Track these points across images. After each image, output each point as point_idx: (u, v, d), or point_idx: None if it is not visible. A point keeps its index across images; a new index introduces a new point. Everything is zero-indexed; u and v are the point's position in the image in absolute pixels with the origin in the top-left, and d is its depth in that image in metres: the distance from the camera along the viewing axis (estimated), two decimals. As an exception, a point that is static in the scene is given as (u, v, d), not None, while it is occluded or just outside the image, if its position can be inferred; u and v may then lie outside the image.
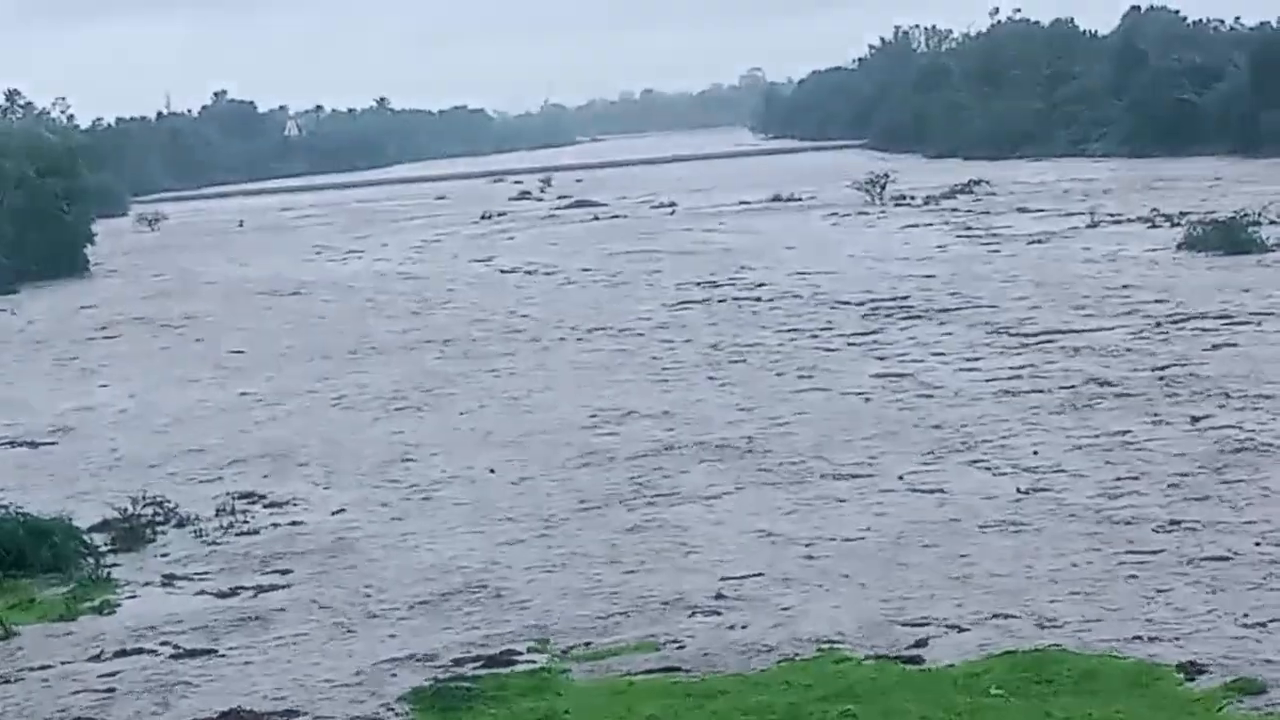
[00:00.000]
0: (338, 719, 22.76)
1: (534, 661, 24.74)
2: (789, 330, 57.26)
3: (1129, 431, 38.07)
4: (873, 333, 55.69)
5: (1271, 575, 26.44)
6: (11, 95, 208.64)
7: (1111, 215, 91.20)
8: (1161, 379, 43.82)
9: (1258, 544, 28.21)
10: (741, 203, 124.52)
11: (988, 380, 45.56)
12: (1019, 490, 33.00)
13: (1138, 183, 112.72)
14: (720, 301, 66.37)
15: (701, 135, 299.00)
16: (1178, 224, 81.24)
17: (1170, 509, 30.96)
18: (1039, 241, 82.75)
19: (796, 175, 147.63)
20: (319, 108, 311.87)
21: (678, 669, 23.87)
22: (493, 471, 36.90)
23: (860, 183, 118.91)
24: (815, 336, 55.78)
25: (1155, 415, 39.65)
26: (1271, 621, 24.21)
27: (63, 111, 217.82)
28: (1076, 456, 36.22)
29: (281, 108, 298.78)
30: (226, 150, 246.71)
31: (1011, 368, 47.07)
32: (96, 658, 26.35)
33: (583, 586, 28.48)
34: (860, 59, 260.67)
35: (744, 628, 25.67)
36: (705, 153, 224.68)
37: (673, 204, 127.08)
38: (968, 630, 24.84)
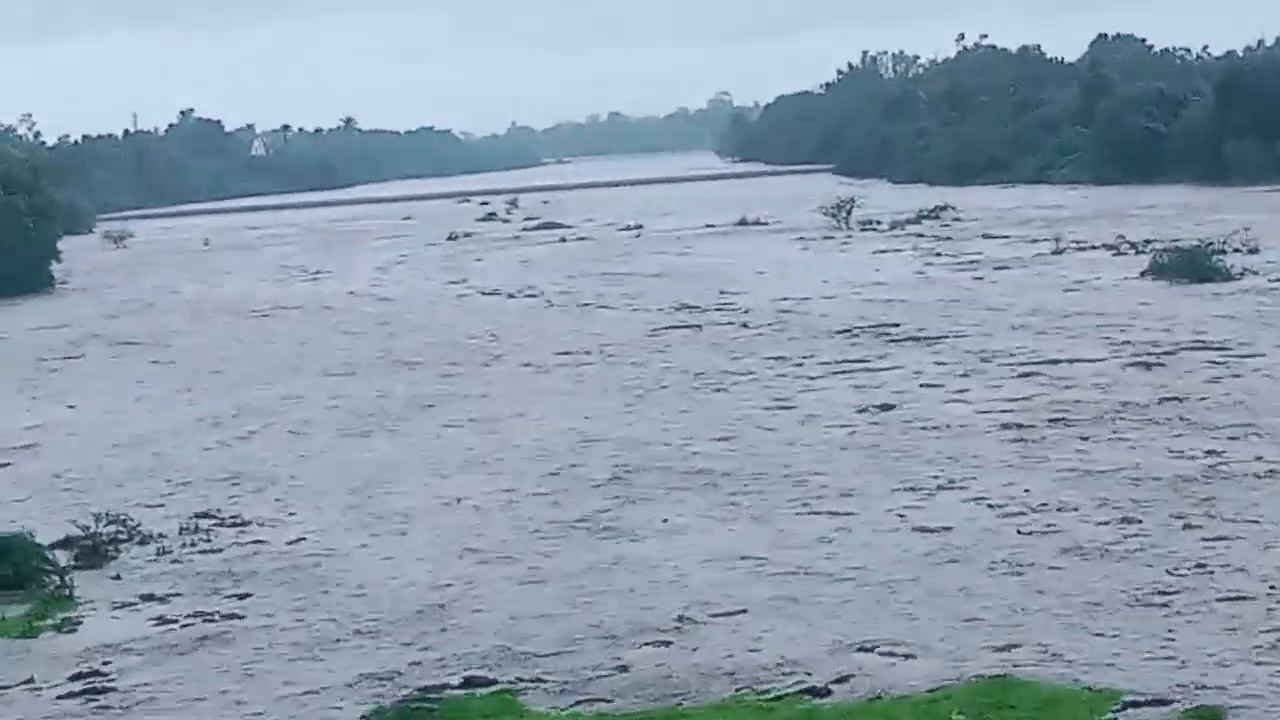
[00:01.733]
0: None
1: (495, 684, 24.67)
2: (770, 357, 57.03)
3: (1103, 459, 38.25)
4: (853, 360, 55.30)
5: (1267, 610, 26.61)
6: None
7: (1077, 243, 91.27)
8: (1125, 405, 43.97)
9: (1252, 575, 28.37)
10: (707, 226, 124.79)
11: (969, 408, 45.63)
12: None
13: (1103, 210, 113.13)
14: (697, 327, 66.01)
15: (668, 158, 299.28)
16: (1142, 251, 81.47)
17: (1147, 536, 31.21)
18: (1005, 268, 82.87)
19: (762, 199, 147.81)
20: (285, 127, 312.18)
21: (640, 697, 23.91)
22: (459, 501, 36.65)
23: (826, 208, 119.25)
24: (798, 364, 55.31)
25: (1129, 441, 39.90)
26: (1243, 654, 24.35)
27: (29, 128, 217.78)
28: (1057, 485, 36.28)
29: (248, 127, 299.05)
30: (193, 169, 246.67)
31: (989, 398, 46.95)
32: (52, 678, 26.36)
33: (546, 611, 28.42)
34: (828, 84, 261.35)
35: (699, 653, 25.64)
36: (671, 176, 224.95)
37: (639, 226, 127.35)
38: (929, 658, 24.88)
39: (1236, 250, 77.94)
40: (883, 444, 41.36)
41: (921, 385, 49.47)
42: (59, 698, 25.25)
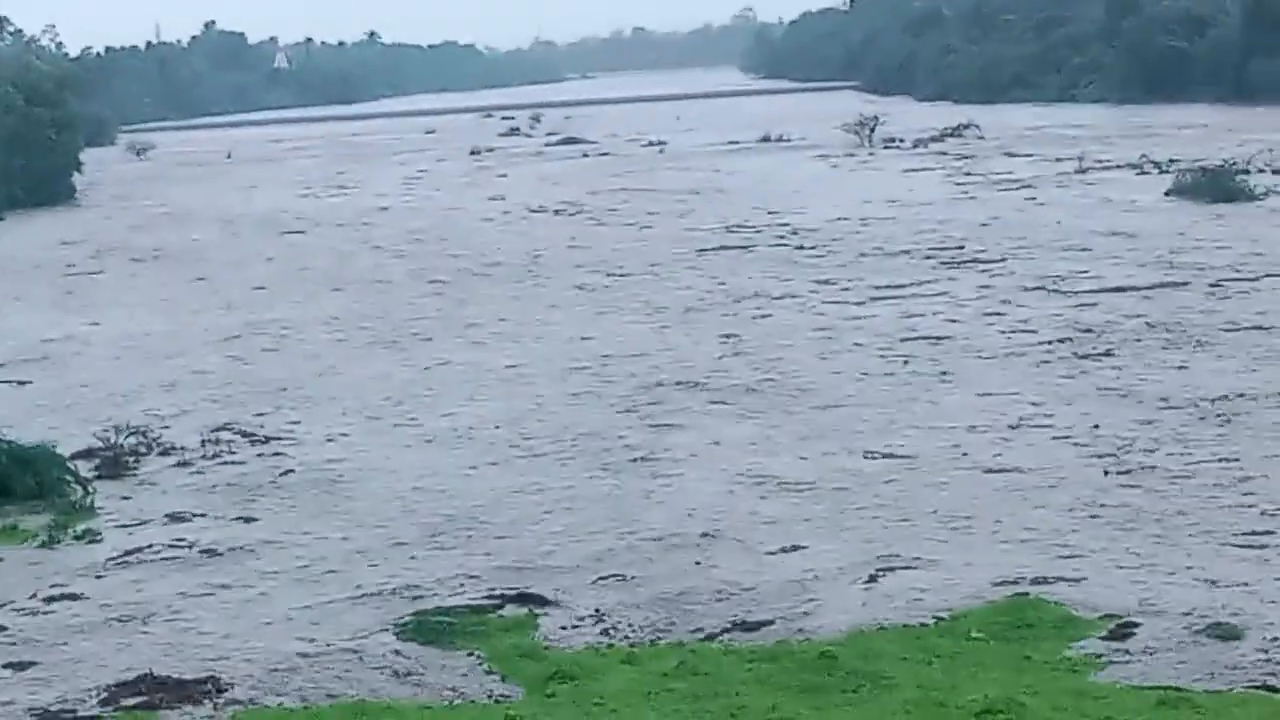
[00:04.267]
0: (325, 648, 22.78)
1: (517, 599, 24.74)
2: (813, 280, 56.81)
3: (1066, 366, 38.80)
4: (894, 286, 54.88)
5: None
6: (2, 23, 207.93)
7: (1100, 162, 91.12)
8: (1127, 321, 44.23)
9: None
10: (731, 142, 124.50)
11: (997, 318, 46.09)
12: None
13: (1127, 129, 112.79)
14: (744, 248, 65.62)
15: (691, 74, 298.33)
16: (1166, 171, 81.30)
17: (1126, 429, 31.27)
18: (1029, 187, 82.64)
19: (786, 116, 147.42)
20: (309, 40, 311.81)
21: (659, 614, 24.01)
22: (498, 428, 36.11)
23: (850, 125, 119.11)
24: (846, 289, 54.63)
25: (1101, 350, 40.46)
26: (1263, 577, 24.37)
27: (52, 40, 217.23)
28: (1042, 384, 36.80)
29: (271, 39, 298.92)
30: (215, 81, 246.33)
31: (1024, 320, 46.75)
32: (73, 584, 26.44)
33: (570, 525, 28.48)
34: (849, 3, 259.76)
35: (722, 568, 25.75)
36: (694, 92, 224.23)
37: (662, 143, 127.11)
38: (951, 578, 24.89)
39: (1261, 170, 77.72)
40: (922, 367, 41.23)
41: (958, 306, 49.30)
42: (78, 608, 25.31)
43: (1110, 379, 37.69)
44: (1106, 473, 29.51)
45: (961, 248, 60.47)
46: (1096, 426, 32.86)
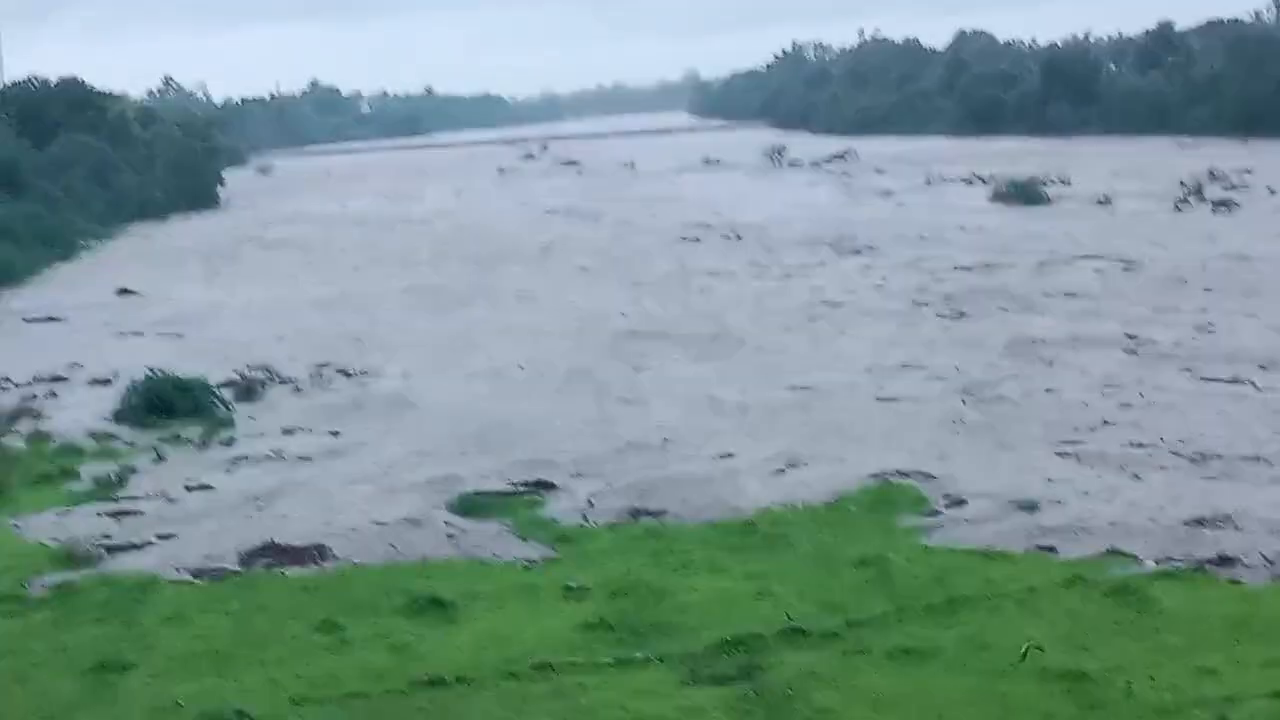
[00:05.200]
0: (396, 521, 22.84)
1: (542, 481, 24.88)
2: (746, 262, 56.86)
3: (937, 323, 38.46)
4: (800, 265, 55.40)
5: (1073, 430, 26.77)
6: (167, 80, 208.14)
7: (942, 177, 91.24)
8: (975, 289, 44.09)
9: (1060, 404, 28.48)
10: (680, 164, 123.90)
11: (877, 288, 45.88)
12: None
13: (960, 154, 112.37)
14: (694, 240, 65.24)
15: (654, 115, 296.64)
16: (988, 183, 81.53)
17: (982, 371, 31.36)
18: (893, 194, 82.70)
19: (719, 145, 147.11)
20: (385, 93, 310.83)
21: (632, 493, 24.08)
22: (522, 368, 35.79)
23: (766, 151, 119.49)
24: (770, 268, 55.22)
25: (960, 313, 40.06)
26: (1054, 466, 24.48)
27: (203, 92, 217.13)
28: (919, 337, 36.57)
29: (357, 92, 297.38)
30: (318, 121, 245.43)
31: (890, 287, 47.34)
32: (214, 478, 26.53)
33: (571, 433, 28.54)
34: (768, 65, 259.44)
35: (674, 465, 25.77)
36: (655, 128, 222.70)
37: (633, 163, 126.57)
38: (836, 470, 24.98)
39: (1054, 182, 78.04)
40: (826, 324, 41.33)
41: (850, 280, 49.50)
42: (216, 494, 25.36)
43: (965, 332, 37.74)
44: (964, 401, 29.50)
45: (852, 238, 60.37)
46: (957, 368, 32.85)
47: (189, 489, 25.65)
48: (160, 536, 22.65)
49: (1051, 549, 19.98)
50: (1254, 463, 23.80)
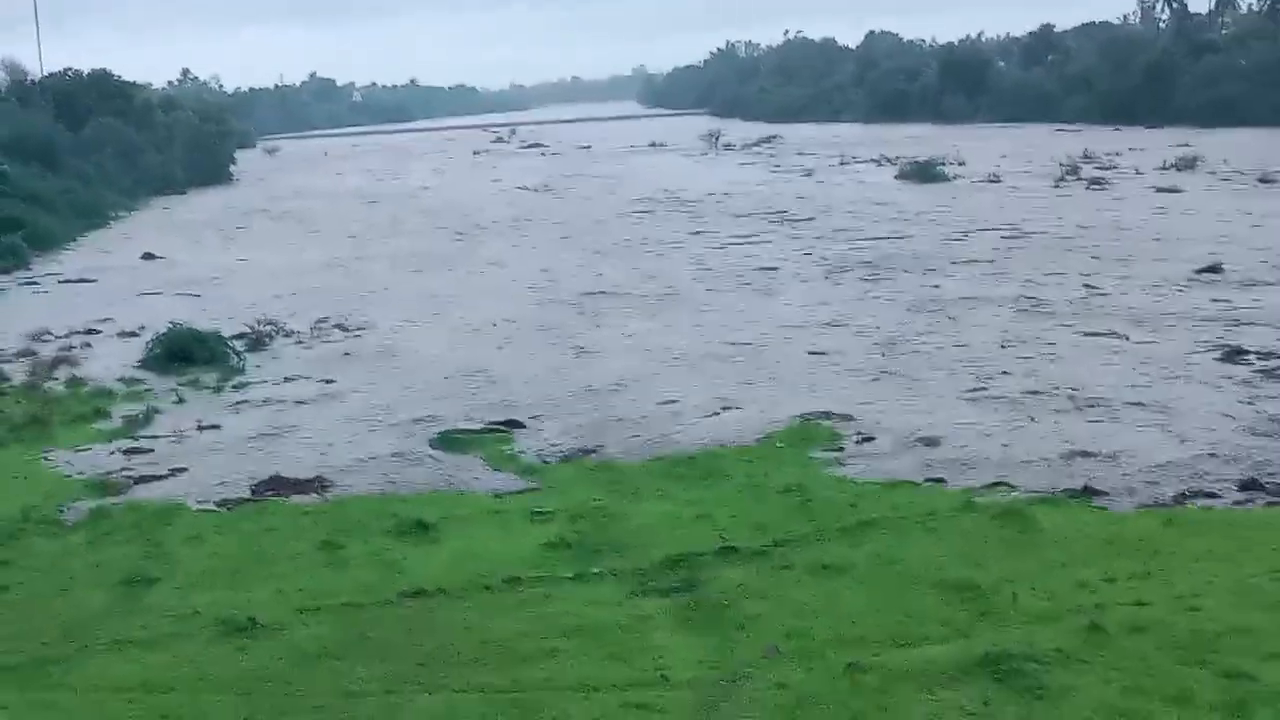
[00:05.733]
0: (385, 455, 22.76)
1: (513, 421, 24.80)
2: (690, 232, 56.87)
3: (859, 286, 38.46)
4: (737, 235, 55.28)
5: (961, 369, 26.82)
6: (185, 72, 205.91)
7: (855, 158, 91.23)
8: (885, 257, 44.13)
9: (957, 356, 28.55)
10: (631, 146, 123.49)
11: (805, 255, 45.74)
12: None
13: (869, 139, 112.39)
14: (644, 213, 65.24)
15: (606, 105, 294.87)
16: (894, 164, 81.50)
17: (900, 328, 31.44)
18: (812, 172, 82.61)
19: (663, 130, 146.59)
20: (374, 85, 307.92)
21: (590, 427, 24.04)
22: (494, 325, 35.50)
23: (703, 136, 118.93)
24: (711, 236, 55.24)
25: (878, 276, 40.03)
26: (953, 407, 24.57)
27: (216, 83, 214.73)
28: (844, 298, 36.50)
29: (351, 83, 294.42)
30: (316, 109, 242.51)
31: (811, 253, 47.21)
32: (224, 419, 26.38)
33: (534, 379, 28.47)
34: (705, 60, 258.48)
35: (625, 404, 25.78)
36: (608, 116, 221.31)
37: (589, 146, 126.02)
38: (768, 409, 25.00)
39: (951, 164, 78.20)
40: (759, 289, 41.28)
41: (781, 247, 49.40)
42: (227, 432, 25.22)
43: (883, 293, 37.64)
44: (882, 354, 29.47)
45: (781, 211, 60.34)
46: (877, 326, 32.80)
47: (205, 428, 25.50)
48: (181, 469, 22.54)
49: (943, 480, 20.09)
50: (1127, 407, 23.97)
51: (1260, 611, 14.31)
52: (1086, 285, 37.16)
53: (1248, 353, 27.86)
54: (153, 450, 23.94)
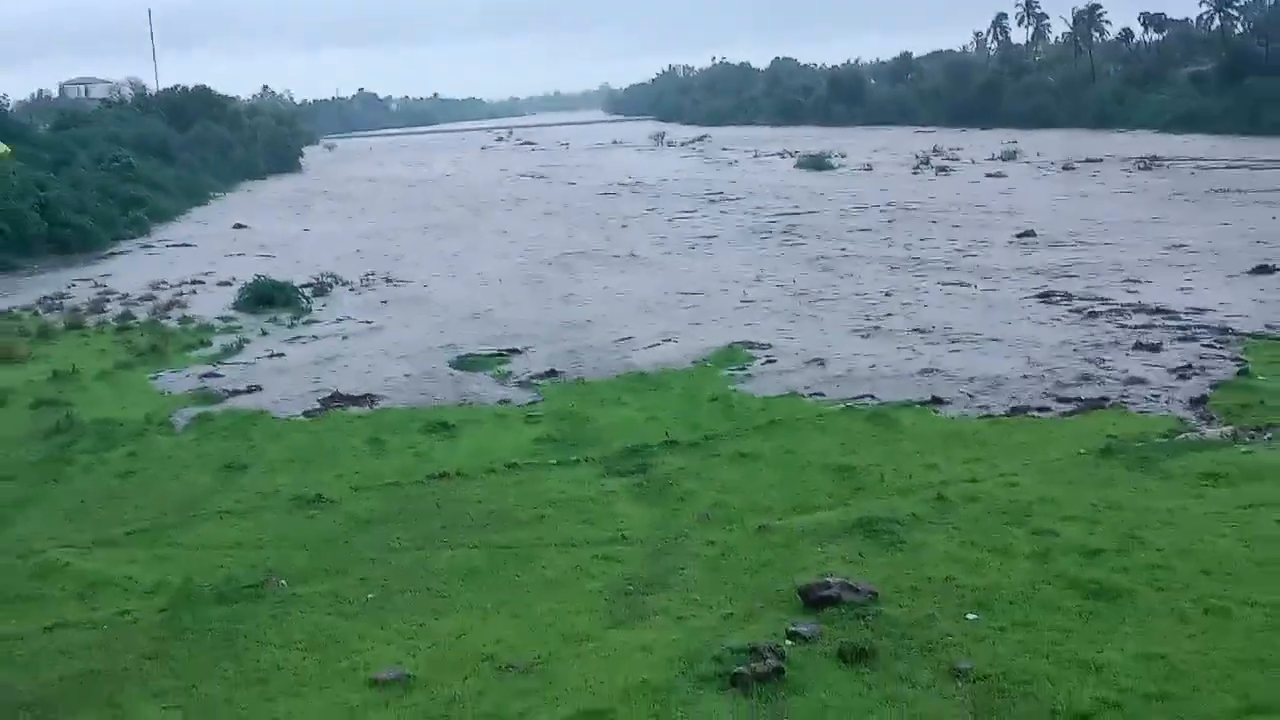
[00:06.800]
0: (418, 375, 22.59)
1: (513, 350, 24.65)
2: (646, 209, 56.37)
3: (777, 249, 38.26)
4: (682, 211, 54.74)
5: (852, 315, 26.75)
6: (264, 86, 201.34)
7: (765, 153, 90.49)
8: (795, 227, 43.92)
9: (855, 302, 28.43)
10: (598, 143, 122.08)
11: (735, 226, 45.44)
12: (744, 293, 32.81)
13: (777, 137, 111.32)
14: (613, 194, 64.70)
15: (578, 114, 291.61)
16: (794, 156, 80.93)
17: (810, 281, 31.34)
18: (735, 163, 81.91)
19: (621, 133, 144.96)
20: (406, 97, 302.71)
21: (573, 354, 23.92)
22: (501, 281, 34.63)
23: (652, 136, 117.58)
24: (662, 212, 54.64)
25: (792, 242, 39.83)
26: (840, 336, 24.52)
27: (289, 95, 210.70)
28: (766, 259, 36.31)
29: (389, 96, 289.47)
30: (363, 115, 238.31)
31: (734, 223, 46.83)
32: (300, 346, 26.11)
33: (529, 318, 28.27)
34: (653, 79, 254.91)
35: (598, 336, 25.59)
36: (581, 120, 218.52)
37: (567, 143, 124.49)
38: (699, 342, 24.93)
39: (837, 156, 77.71)
40: (701, 253, 40.97)
41: (709, 226, 49.09)
42: (296, 359, 24.98)
43: (799, 254, 37.17)
44: (797, 300, 29.09)
45: (715, 192, 59.91)
46: (793, 280, 32.43)
47: (281, 354, 25.29)
48: (262, 386, 22.33)
49: (822, 394, 20.04)
50: (970, 338, 23.98)
51: (1060, 486, 14.49)
52: (944, 247, 36.92)
53: (1057, 295, 27.96)
54: (244, 370, 23.71)
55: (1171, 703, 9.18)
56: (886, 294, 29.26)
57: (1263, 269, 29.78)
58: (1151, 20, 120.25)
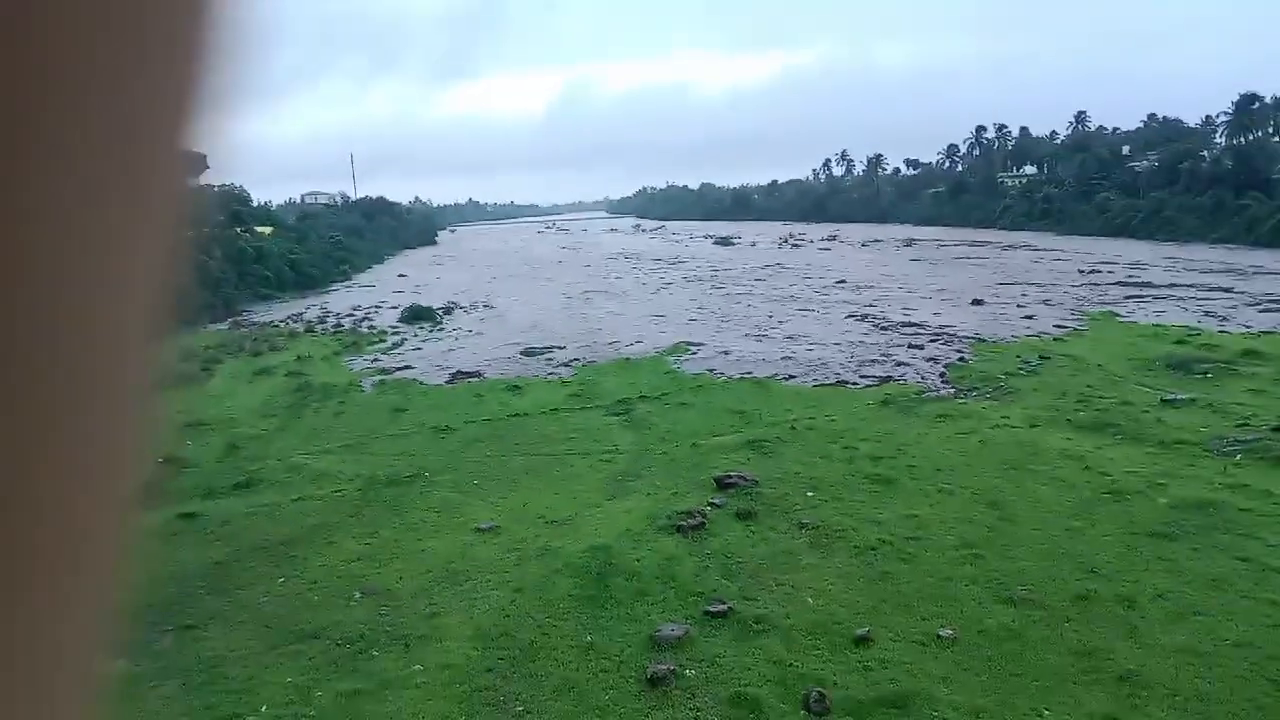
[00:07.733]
0: (501, 358, 22.33)
1: (556, 346, 24.39)
2: (634, 269, 55.39)
3: (706, 290, 37.76)
4: (655, 271, 54.05)
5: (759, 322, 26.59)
6: (416, 196, 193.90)
7: (694, 235, 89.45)
8: (715, 277, 43.37)
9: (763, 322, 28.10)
10: (604, 230, 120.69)
11: (683, 278, 44.85)
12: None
13: (702, 229, 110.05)
14: (615, 258, 64.06)
15: (591, 213, 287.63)
16: (711, 236, 79.79)
17: (724, 308, 30.93)
18: (680, 241, 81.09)
19: (616, 223, 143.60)
20: (494, 203, 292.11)
21: (596, 353, 23.66)
22: (548, 308, 34.87)
23: (633, 226, 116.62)
24: (638, 272, 53.77)
25: (714, 286, 39.19)
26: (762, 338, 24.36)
27: (429, 200, 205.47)
28: (700, 295, 35.68)
29: (487, 203, 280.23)
30: (471, 213, 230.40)
31: (693, 278, 46.22)
32: (437, 343, 25.75)
33: (567, 329, 27.92)
34: (634, 194, 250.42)
35: (613, 344, 25.31)
36: (591, 217, 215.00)
37: (585, 229, 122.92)
38: (661, 341, 24.64)
39: (736, 237, 76.45)
40: (662, 292, 40.38)
41: (667, 277, 48.50)
42: (427, 352, 24.66)
43: (718, 293, 36.22)
44: (721, 320, 28.43)
45: (672, 258, 59.32)
46: (716, 308, 32.03)
47: (425, 347, 24.96)
48: (413, 366, 22.03)
49: (726, 371, 19.90)
50: (811, 340, 23.73)
51: (859, 422, 14.52)
52: (805, 289, 36.37)
53: (862, 316, 27.86)
54: (404, 356, 23.40)
55: (920, 542, 9.38)
56: (769, 315, 28.98)
57: (977, 301, 29.89)
58: (911, 162, 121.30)
